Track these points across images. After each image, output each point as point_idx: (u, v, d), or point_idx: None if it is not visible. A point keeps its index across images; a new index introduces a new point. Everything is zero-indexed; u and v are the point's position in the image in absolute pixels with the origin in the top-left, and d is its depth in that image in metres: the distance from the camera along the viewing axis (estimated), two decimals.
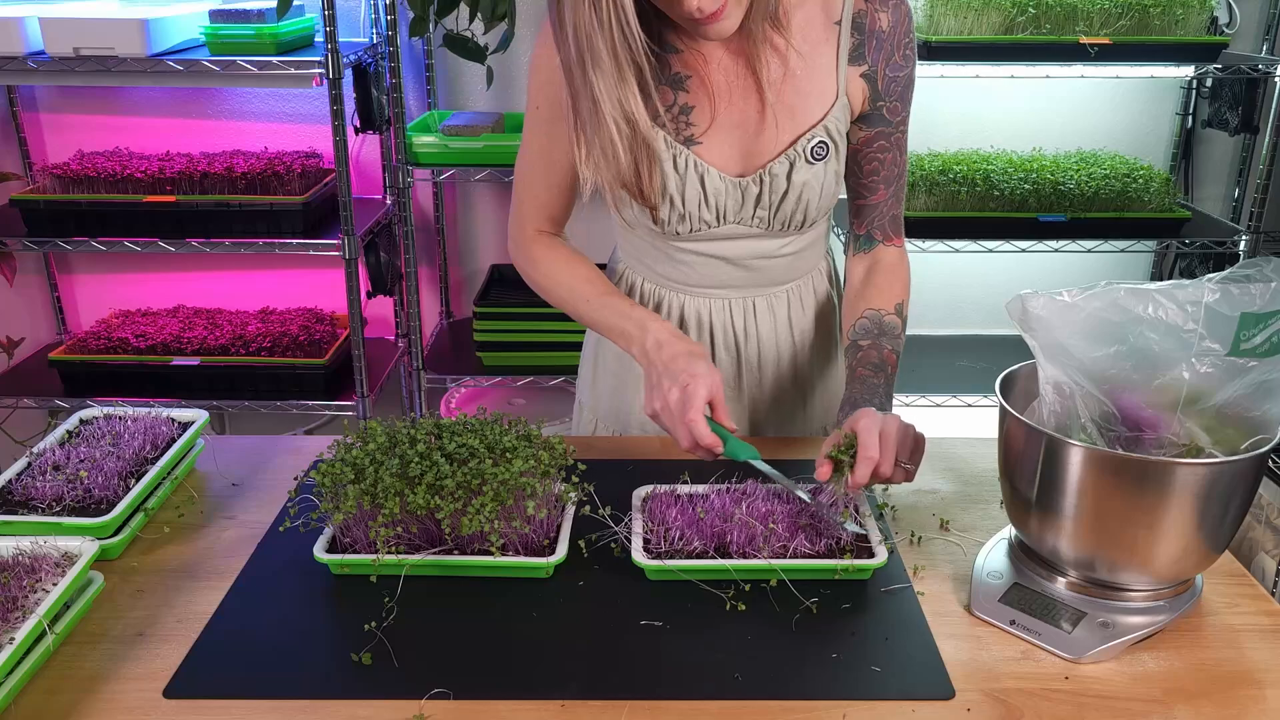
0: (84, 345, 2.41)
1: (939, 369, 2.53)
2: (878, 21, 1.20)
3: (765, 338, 1.34)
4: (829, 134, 1.21)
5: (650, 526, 1.05)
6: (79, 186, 2.29)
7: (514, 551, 1.02)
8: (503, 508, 1.01)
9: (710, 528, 1.03)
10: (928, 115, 2.56)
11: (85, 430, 1.23)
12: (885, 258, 1.30)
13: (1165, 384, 0.96)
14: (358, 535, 1.04)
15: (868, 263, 1.30)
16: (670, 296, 1.33)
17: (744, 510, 1.04)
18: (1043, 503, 0.97)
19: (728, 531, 1.02)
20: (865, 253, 1.31)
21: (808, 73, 1.20)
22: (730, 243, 1.27)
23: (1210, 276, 0.93)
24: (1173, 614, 0.96)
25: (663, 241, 1.28)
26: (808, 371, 1.39)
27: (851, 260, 1.33)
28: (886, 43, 1.21)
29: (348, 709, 0.87)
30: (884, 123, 1.24)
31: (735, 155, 1.21)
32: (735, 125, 1.20)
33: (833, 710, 0.87)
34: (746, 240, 1.27)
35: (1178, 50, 2.23)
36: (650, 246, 1.31)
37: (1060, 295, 0.96)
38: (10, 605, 0.91)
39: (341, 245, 2.28)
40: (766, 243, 1.27)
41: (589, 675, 0.90)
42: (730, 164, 1.21)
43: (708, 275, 1.30)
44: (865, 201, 1.29)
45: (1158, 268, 2.74)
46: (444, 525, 1.01)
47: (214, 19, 2.18)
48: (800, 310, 1.35)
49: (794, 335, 1.35)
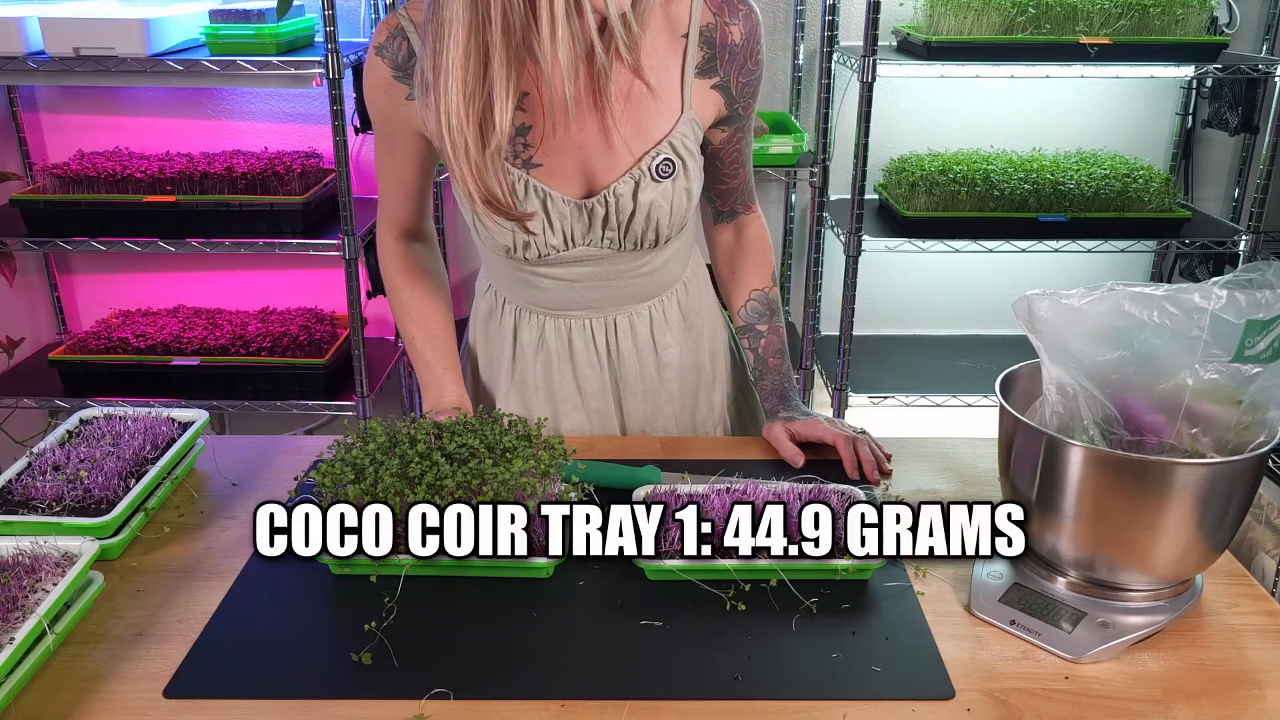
0: (84, 345, 2.41)
1: (939, 369, 2.53)
2: (730, 35, 1.18)
3: (627, 355, 1.33)
4: (674, 150, 1.18)
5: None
6: (79, 186, 2.29)
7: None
8: None
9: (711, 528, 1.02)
10: (928, 115, 2.56)
11: (85, 430, 1.23)
12: (749, 227, 1.37)
13: (1169, 389, 0.96)
14: None
15: (731, 231, 1.37)
16: (530, 318, 1.33)
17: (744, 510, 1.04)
18: (1043, 503, 0.97)
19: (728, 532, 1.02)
20: (726, 224, 1.37)
21: (652, 88, 1.17)
22: (584, 266, 1.25)
23: (1214, 280, 0.93)
24: (1173, 614, 0.96)
25: (517, 266, 1.26)
26: (690, 378, 1.39)
27: (715, 229, 1.38)
28: (740, 54, 1.20)
29: (348, 709, 0.87)
30: (740, 119, 1.26)
31: (577, 176, 1.18)
32: (576, 145, 1.17)
33: (833, 710, 0.87)
34: (599, 263, 1.25)
35: (1178, 50, 2.23)
36: (506, 269, 1.29)
37: (1067, 297, 0.96)
38: (10, 605, 0.91)
39: (341, 245, 2.28)
40: (621, 264, 1.26)
41: (589, 675, 0.90)
42: (572, 186, 1.18)
43: (565, 298, 1.29)
44: (728, 186, 1.32)
45: (1158, 268, 2.74)
46: None
47: (214, 19, 2.18)
48: (664, 324, 1.34)
49: (658, 350, 1.35)
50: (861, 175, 2.22)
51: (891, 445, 1.30)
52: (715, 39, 1.18)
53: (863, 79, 2.16)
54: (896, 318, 2.75)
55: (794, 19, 2.47)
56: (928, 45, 2.18)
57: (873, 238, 2.27)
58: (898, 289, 2.71)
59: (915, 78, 2.50)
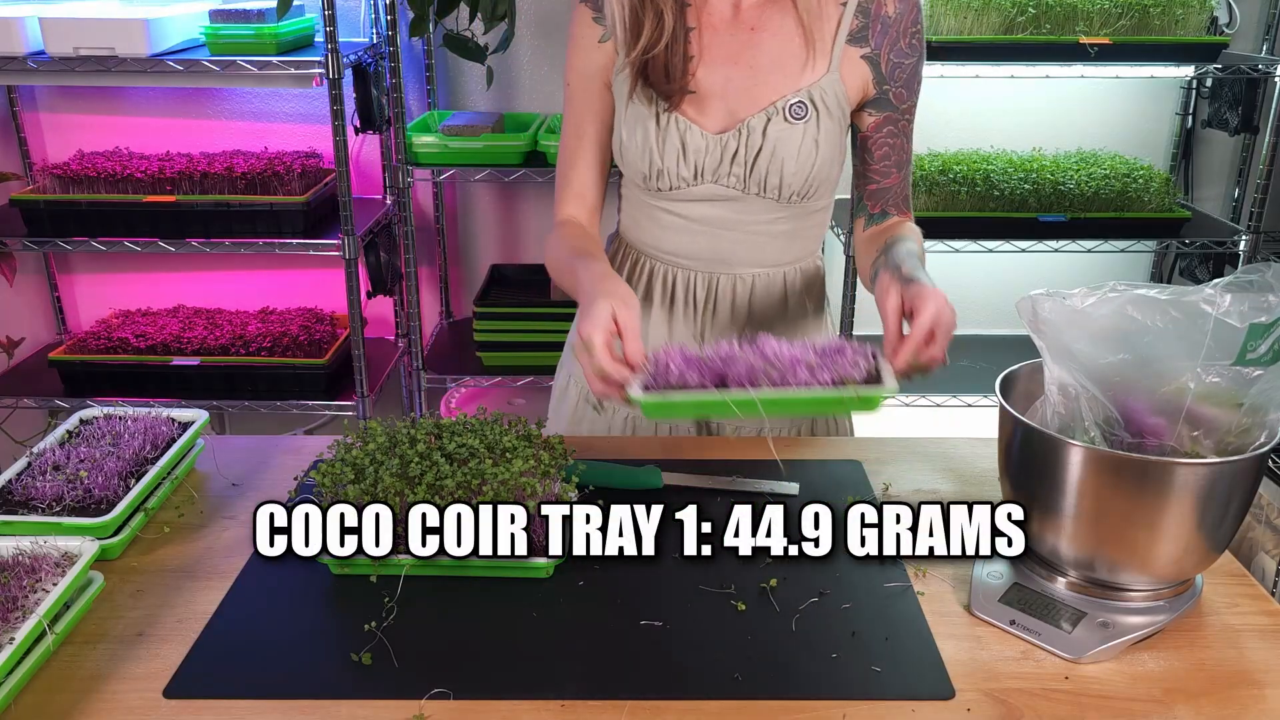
0: (84, 345, 2.41)
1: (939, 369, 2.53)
2: (884, 7, 1.24)
3: (721, 315, 1.34)
4: (811, 99, 1.23)
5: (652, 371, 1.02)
6: (79, 186, 2.29)
7: None
8: None
9: (711, 367, 1.01)
10: (928, 115, 2.54)
11: (85, 430, 1.23)
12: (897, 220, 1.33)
13: (1170, 392, 0.96)
14: None
15: (883, 226, 1.33)
16: (651, 266, 1.35)
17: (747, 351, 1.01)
18: (1043, 503, 0.97)
19: (728, 369, 1.00)
20: (878, 226, 1.33)
21: (806, 40, 1.23)
22: (711, 205, 1.28)
23: (1215, 282, 0.93)
24: (1173, 614, 0.96)
25: (650, 200, 1.31)
26: None
27: (862, 234, 1.35)
28: (892, 29, 1.24)
29: (348, 709, 0.87)
30: (891, 108, 1.28)
31: (721, 111, 1.25)
32: (725, 80, 1.24)
33: (833, 710, 0.87)
34: (727, 205, 1.28)
35: (1178, 50, 2.23)
36: (639, 205, 1.34)
37: (1070, 298, 0.96)
38: (10, 605, 0.91)
39: (341, 245, 2.28)
40: (747, 214, 1.28)
41: (589, 675, 0.90)
42: (714, 120, 1.25)
43: (688, 243, 1.32)
44: (879, 185, 1.32)
45: (1158, 268, 2.74)
46: None
47: (214, 19, 2.18)
48: (766, 298, 1.35)
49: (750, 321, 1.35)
50: None
51: (891, 445, 1.31)
52: (870, 8, 1.24)
53: None
54: None
55: None
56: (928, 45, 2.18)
57: None
58: None
59: None
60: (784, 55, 1.24)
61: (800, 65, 1.24)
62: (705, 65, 1.24)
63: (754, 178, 1.25)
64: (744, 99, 1.24)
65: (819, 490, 1.19)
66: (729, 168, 1.25)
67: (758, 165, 1.24)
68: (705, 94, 1.25)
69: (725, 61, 1.24)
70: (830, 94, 1.24)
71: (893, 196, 1.33)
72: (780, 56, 1.24)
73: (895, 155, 1.30)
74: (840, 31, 1.24)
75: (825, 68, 1.24)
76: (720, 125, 1.25)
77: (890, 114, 1.28)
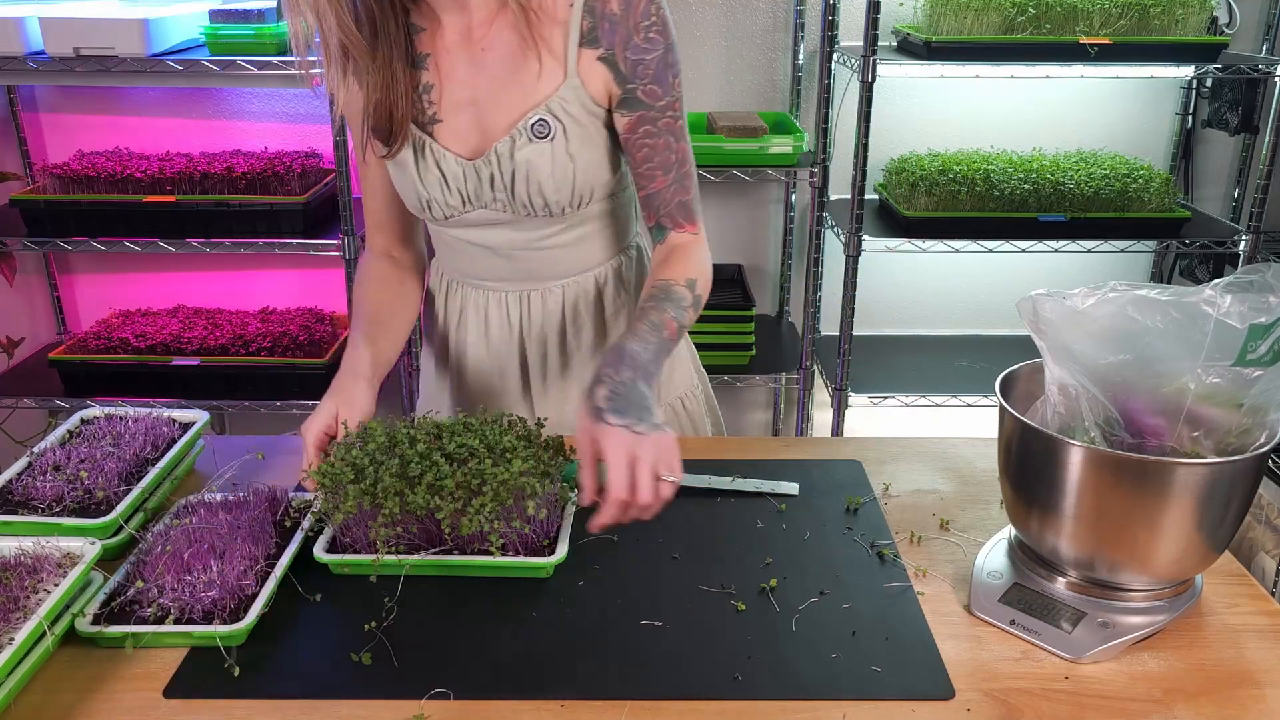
0: (84, 345, 2.41)
1: (939, 369, 2.53)
2: (608, 4, 1.17)
3: (535, 334, 1.33)
4: (552, 113, 1.19)
5: None
6: (79, 186, 2.29)
7: (514, 551, 1.02)
8: (503, 508, 1.01)
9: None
10: (928, 115, 2.56)
11: (85, 430, 1.23)
12: (677, 242, 1.26)
13: (1171, 393, 0.96)
14: (358, 535, 1.04)
15: (664, 252, 1.26)
16: (464, 293, 1.36)
17: None
18: (1043, 503, 0.97)
19: None
20: (660, 243, 1.28)
21: (540, 52, 1.19)
22: (491, 230, 1.27)
23: (1215, 283, 0.93)
24: (1173, 614, 0.97)
25: (440, 230, 1.32)
26: None
27: (653, 254, 1.30)
28: (621, 25, 1.18)
29: (348, 709, 0.87)
30: (644, 107, 1.20)
31: (473, 135, 1.22)
32: (470, 102, 1.21)
33: (833, 710, 0.87)
34: (506, 229, 1.27)
35: (1178, 50, 2.23)
36: (436, 235, 1.35)
37: (1071, 299, 0.96)
38: (11, 605, 0.91)
39: (341, 245, 2.28)
40: (524, 233, 1.27)
41: (589, 675, 0.90)
42: (467, 145, 1.22)
43: (484, 266, 1.31)
44: (646, 191, 1.26)
45: (1158, 268, 2.74)
46: (444, 525, 1.01)
47: (214, 19, 2.18)
48: (576, 309, 1.33)
49: (570, 333, 1.33)
50: (861, 175, 2.22)
51: (892, 445, 1.31)
52: (596, 7, 1.17)
53: (863, 79, 2.16)
54: (896, 318, 2.75)
55: (794, 19, 2.46)
56: (928, 45, 2.18)
57: (873, 238, 2.27)
58: (898, 289, 2.71)
59: (915, 78, 2.50)
60: (518, 71, 1.20)
61: (534, 78, 1.19)
62: (447, 91, 1.21)
63: (517, 200, 1.22)
64: (490, 121, 1.21)
65: (819, 490, 1.19)
66: (491, 193, 1.23)
67: (517, 189, 1.21)
68: (453, 120, 1.22)
69: (465, 84, 1.21)
70: (573, 102, 1.19)
71: (663, 204, 1.25)
72: (514, 73, 1.20)
73: (658, 157, 1.22)
74: (571, 35, 1.18)
75: (562, 76, 1.19)
76: (473, 149, 1.22)
77: (643, 113, 1.20)
